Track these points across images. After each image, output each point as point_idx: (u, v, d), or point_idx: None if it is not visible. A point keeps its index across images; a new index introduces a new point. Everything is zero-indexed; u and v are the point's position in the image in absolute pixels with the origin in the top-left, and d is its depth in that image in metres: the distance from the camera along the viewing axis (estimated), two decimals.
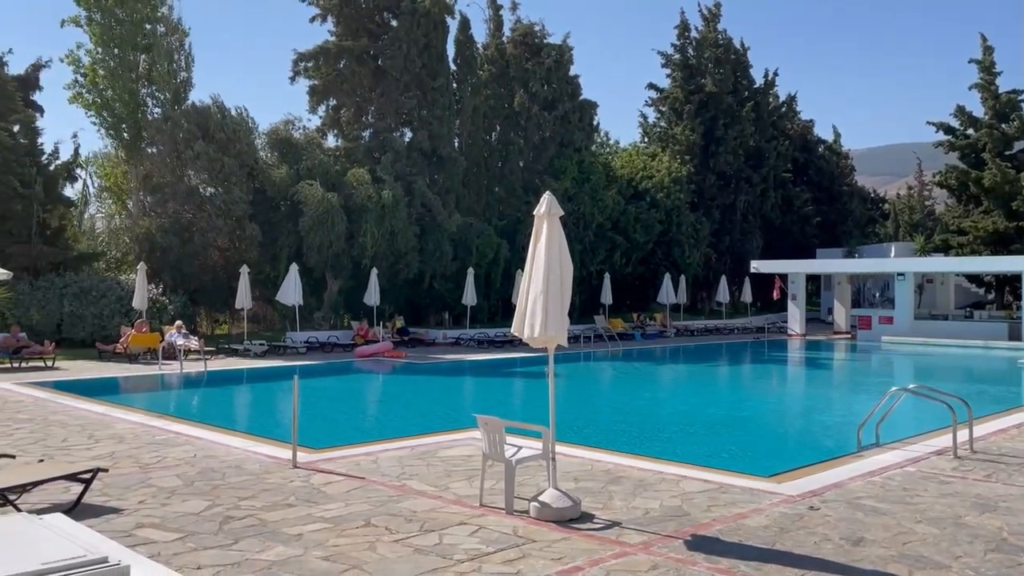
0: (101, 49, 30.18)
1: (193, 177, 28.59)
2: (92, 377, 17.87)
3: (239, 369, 20.76)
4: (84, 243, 31.25)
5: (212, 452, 9.41)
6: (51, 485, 7.21)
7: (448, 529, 6.36)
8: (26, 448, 9.38)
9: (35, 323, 23.78)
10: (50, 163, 28.77)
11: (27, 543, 4.35)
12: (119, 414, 12.28)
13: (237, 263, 26.34)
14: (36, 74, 38.14)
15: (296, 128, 31.61)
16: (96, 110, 30.49)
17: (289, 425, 9.03)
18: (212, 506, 6.98)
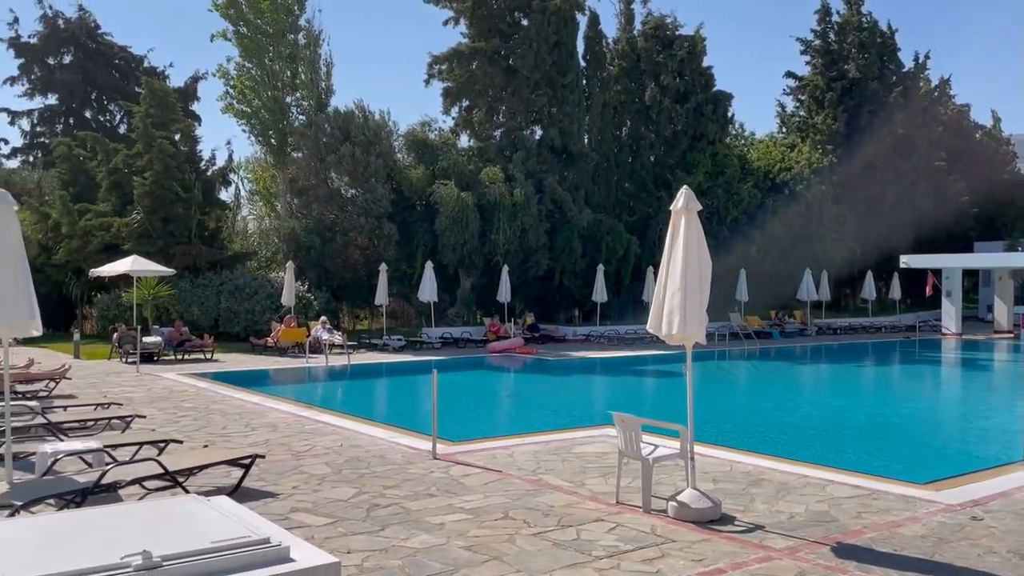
0: (247, 61, 32.07)
1: (335, 179, 29.92)
2: (246, 369, 19.05)
3: (379, 363, 21.57)
4: (237, 243, 33.34)
5: (357, 442, 9.82)
6: (214, 469, 7.74)
7: (585, 525, 6.37)
8: (191, 434, 10.11)
9: (195, 318, 25.61)
10: (207, 169, 30.84)
11: (198, 522, 4.69)
12: (272, 404, 13.03)
13: (376, 261, 27.35)
14: (194, 86, 41.12)
15: (432, 129, 32.49)
16: (246, 119, 32.45)
17: (428, 418, 9.32)
18: (359, 493, 7.29)
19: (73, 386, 14.73)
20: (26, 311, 7.11)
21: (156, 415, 11.68)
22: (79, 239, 28.20)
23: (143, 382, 16.05)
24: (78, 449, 7.44)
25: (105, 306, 26.69)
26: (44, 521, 5.23)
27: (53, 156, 34.80)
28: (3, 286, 6.91)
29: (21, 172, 40.15)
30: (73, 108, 44.62)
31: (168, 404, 12.96)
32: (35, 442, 8.51)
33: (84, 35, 43.90)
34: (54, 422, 9.37)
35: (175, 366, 19.36)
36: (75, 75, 43.51)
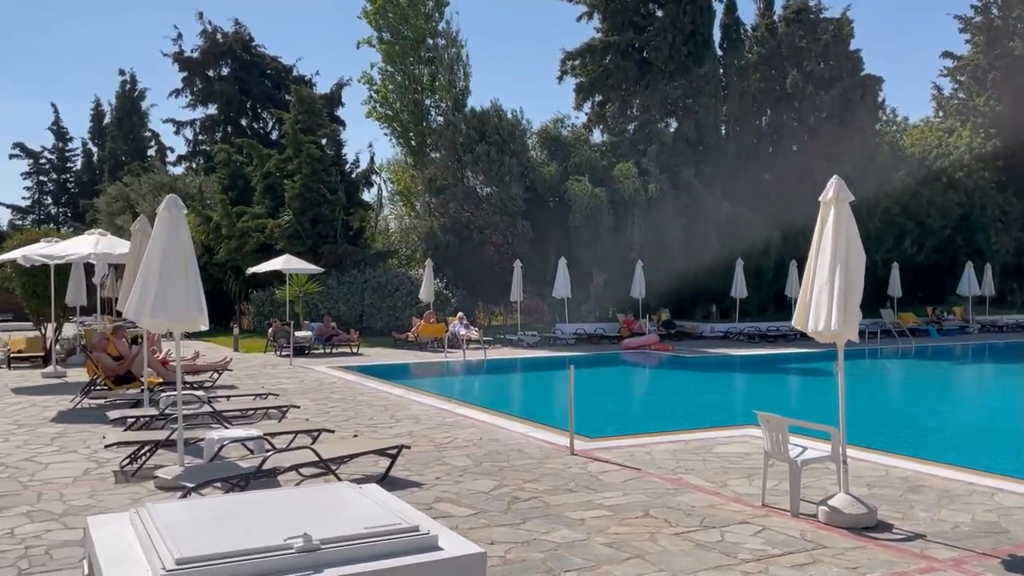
0: (390, 66, 33.25)
1: (471, 178, 30.53)
2: (389, 363, 19.77)
3: (514, 358, 21.84)
4: (379, 242, 34.66)
5: (495, 435, 9.99)
6: (364, 458, 8.08)
7: (730, 527, 6.20)
8: (341, 424, 10.60)
9: (342, 314, 26.83)
10: (351, 171, 32.21)
11: (352, 508, 4.92)
12: (414, 396, 13.46)
13: (510, 258, 27.70)
14: (339, 92, 42.97)
15: (564, 126, 32.55)
16: (388, 121, 33.66)
17: (564, 413, 9.35)
18: (500, 486, 7.42)
19: (234, 377, 15.77)
20: (195, 307, 7.66)
21: (308, 405, 12.33)
22: (237, 240, 30.15)
23: (296, 374, 16.98)
24: (241, 436, 7.97)
25: (261, 302, 28.43)
26: (213, 503, 5.63)
27: (214, 162, 37.43)
28: (174, 284, 7.48)
29: (185, 178, 43.38)
30: (230, 117, 47.73)
31: (319, 395, 13.65)
32: (202, 429, 9.17)
33: (240, 48, 46.88)
34: (219, 411, 10.07)
35: (324, 359, 20.36)
36: (232, 86, 46.53)
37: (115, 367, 12.90)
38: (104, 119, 65.84)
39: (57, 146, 71.39)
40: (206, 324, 7.88)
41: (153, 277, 7.55)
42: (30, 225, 65.07)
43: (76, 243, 15.48)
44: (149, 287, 7.55)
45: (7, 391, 14.45)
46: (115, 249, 14.67)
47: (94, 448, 9.17)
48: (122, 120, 59.31)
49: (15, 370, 18.18)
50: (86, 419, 11.14)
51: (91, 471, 8.10)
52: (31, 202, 71.81)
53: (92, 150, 69.22)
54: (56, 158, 71.49)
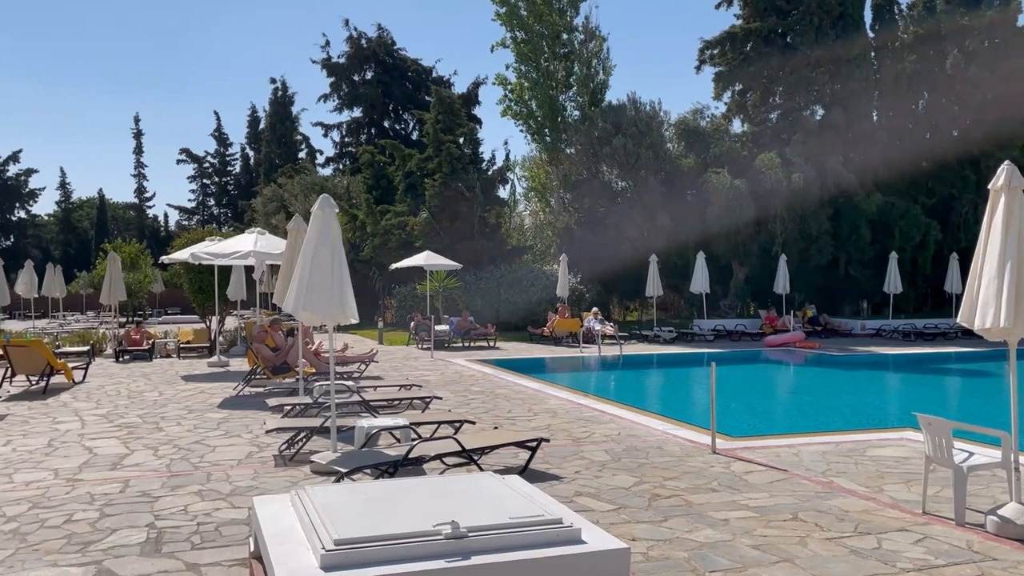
0: (524, 64, 33.56)
1: (607, 172, 30.38)
2: (525, 357, 20.01)
3: (650, 354, 21.57)
4: (515, 238, 35.12)
5: (634, 432, 9.91)
6: (504, 449, 8.22)
7: (887, 534, 5.88)
8: (480, 416, 10.83)
9: (479, 308, 27.38)
10: (488, 169, 32.79)
11: (496, 498, 5.02)
12: (551, 391, 13.56)
13: (646, 252, 27.37)
14: (475, 91, 43.82)
15: (703, 116, 31.79)
16: (523, 119, 34.01)
17: (705, 411, 9.15)
18: (639, 483, 7.36)
19: (379, 369, 16.44)
20: (344, 302, 8.02)
21: (449, 397, 12.67)
22: (380, 237, 31.39)
23: (436, 366, 17.49)
24: (389, 425, 8.29)
25: (403, 297, 29.48)
26: (366, 488, 5.89)
27: (359, 163, 39.08)
28: (325, 279, 7.86)
29: (333, 179, 45.55)
30: (374, 119, 49.71)
31: (459, 387, 14.00)
32: (352, 417, 9.61)
33: (383, 52, 48.69)
34: (367, 400, 10.53)
35: (463, 352, 20.85)
36: (375, 89, 48.43)
37: (272, 357, 13.74)
38: (259, 125, 70.15)
39: (219, 151, 76.79)
40: (356, 317, 8.23)
41: (306, 273, 7.97)
42: (195, 225, 70.38)
43: (238, 242, 16.59)
44: (303, 282, 7.97)
45: (178, 379, 15.69)
46: (273, 247, 15.62)
47: (255, 433, 9.81)
48: (275, 125, 62.99)
49: (184, 359, 19.70)
50: (247, 406, 11.93)
51: (253, 455, 8.67)
52: (196, 204, 77.63)
53: (249, 154, 73.98)
54: (218, 162, 76.91)
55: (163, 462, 8.33)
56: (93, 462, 8.35)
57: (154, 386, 14.52)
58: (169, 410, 11.72)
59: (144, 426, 10.42)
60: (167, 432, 9.99)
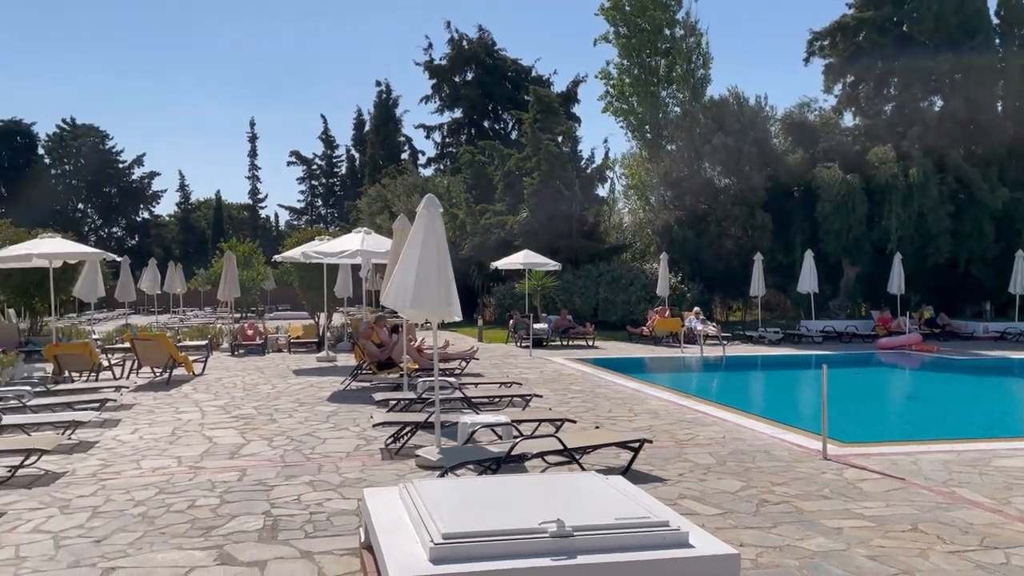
0: (626, 60, 33.26)
1: (709, 169, 29.76)
2: (624, 356, 19.83)
3: (755, 355, 21.00)
4: (614, 236, 34.82)
5: (739, 435, 9.67)
6: (605, 449, 8.17)
7: (1016, 549, 5.53)
8: (580, 415, 10.80)
9: (577, 307, 27.32)
10: (587, 167, 32.66)
11: (600, 498, 4.99)
12: (651, 391, 13.39)
13: (750, 251, 26.67)
14: (575, 89, 43.75)
15: (811, 110, 30.73)
16: (623, 116, 33.73)
17: (814, 415, 8.83)
18: (746, 487, 7.17)
19: (479, 366, 16.62)
20: (448, 299, 8.14)
21: (549, 395, 12.69)
22: (480, 236, 31.72)
23: (535, 364, 17.55)
24: (491, 422, 8.38)
25: (502, 295, 29.72)
26: (471, 483, 5.97)
27: (459, 163, 39.63)
28: (431, 278, 8.00)
29: (434, 179, 46.35)
30: (474, 120, 50.32)
31: (558, 386, 14.00)
32: (455, 413, 9.77)
33: (483, 53, 49.21)
34: (469, 397, 10.67)
35: (561, 351, 20.84)
36: (475, 90, 49.00)
37: (377, 353, 14.10)
38: (364, 127, 72.17)
39: (326, 153, 79.46)
40: (459, 315, 8.35)
41: (411, 271, 8.13)
42: (304, 225, 73.01)
43: (345, 241, 17.10)
44: (408, 280, 8.14)
45: (289, 372, 16.31)
46: (378, 246, 16.04)
47: (363, 426, 10.10)
48: (379, 127, 64.63)
49: (294, 354, 20.47)
50: (355, 400, 12.29)
51: (361, 447, 8.92)
52: (304, 204, 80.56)
53: (355, 156, 76.26)
54: (325, 164, 79.60)
55: (277, 452, 8.68)
56: (213, 451, 8.79)
57: (267, 379, 15.16)
58: (282, 402, 12.21)
59: (259, 418, 10.89)
60: (280, 424, 10.41)
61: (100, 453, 8.72)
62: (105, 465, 8.15)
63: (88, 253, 17.65)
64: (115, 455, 8.62)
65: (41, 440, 8.21)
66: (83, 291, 21.04)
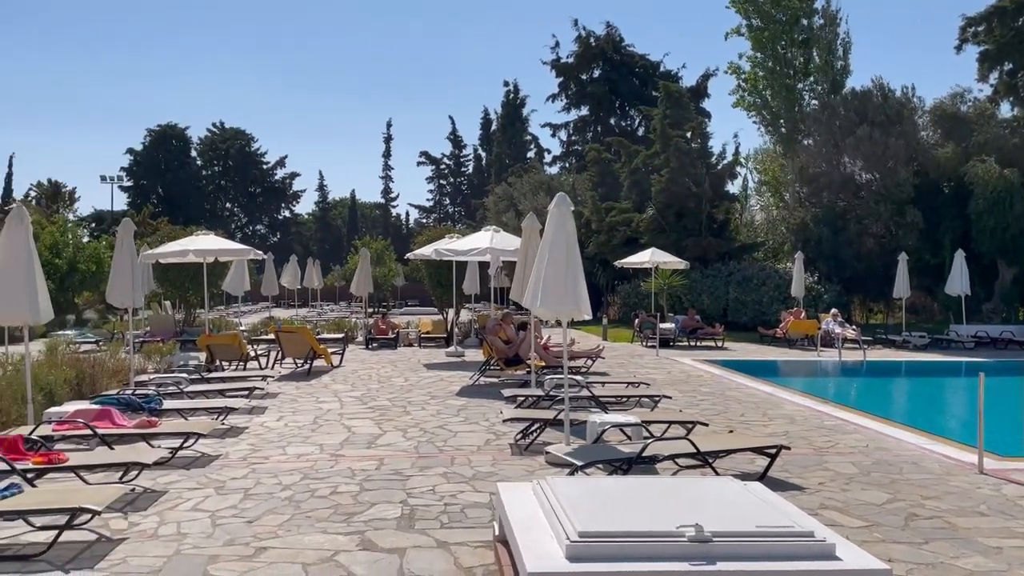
0: (759, 52, 32.17)
1: (849, 164, 28.39)
2: (756, 359, 19.21)
3: (898, 361, 19.88)
4: (744, 234, 33.79)
5: (883, 444, 9.18)
6: (739, 454, 7.95)
7: None
8: (711, 418, 10.55)
9: (705, 307, 26.69)
10: (717, 163, 31.82)
11: (737, 504, 4.86)
12: (785, 395, 12.91)
13: (893, 250, 25.25)
14: (704, 84, 42.78)
15: (964, 101, 28.74)
16: (756, 110, 32.65)
17: (967, 426, 8.27)
18: (893, 500, 6.80)
19: (605, 365, 16.54)
20: (577, 298, 8.12)
21: (678, 397, 12.47)
22: (605, 234, 31.55)
23: (662, 365, 17.29)
24: (621, 422, 8.32)
25: (627, 294, 29.45)
26: (604, 483, 5.96)
27: (585, 161, 39.57)
28: (561, 276, 8.02)
29: (560, 177, 46.49)
30: (600, 117, 50.10)
31: (687, 387, 13.74)
32: (583, 412, 9.76)
33: (610, 49, 48.89)
34: (596, 395, 10.64)
35: (689, 352, 20.43)
36: (602, 87, 48.76)
37: (505, 350, 14.29)
38: (491, 127, 73.26)
39: (454, 153, 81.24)
40: (589, 314, 8.33)
41: (541, 269, 8.19)
42: (432, 223, 74.90)
43: (475, 239, 17.42)
44: (538, 278, 8.20)
45: (420, 366, 16.79)
46: (507, 244, 16.25)
47: (492, 421, 10.26)
48: (506, 127, 65.44)
49: (424, 348, 21.05)
50: (483, 395, 12.51)
51: (491, 442, 9.07)
52: (433, 203, 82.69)
53: (481, 155, 77.55)
54: (453, 163, 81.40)
55: (411, 444, 8.96)
56: (352, 440, 9.17)
57: (400, 372, 15.66)
58: (414, 395, 12.58)
59: (393, 409, 11.28)
60: (413, 416, 10.73)
61: (249, 438, 9.27)
62: (254, 450, 8.66)
63: (239, 251, 18.79)
64: (263, 440, 9.14)
65: (198, 424, 8.82)
66: (231, 285, 22.43)
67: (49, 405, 10.01)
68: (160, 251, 18.20)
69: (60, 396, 10.78)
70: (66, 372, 11.54)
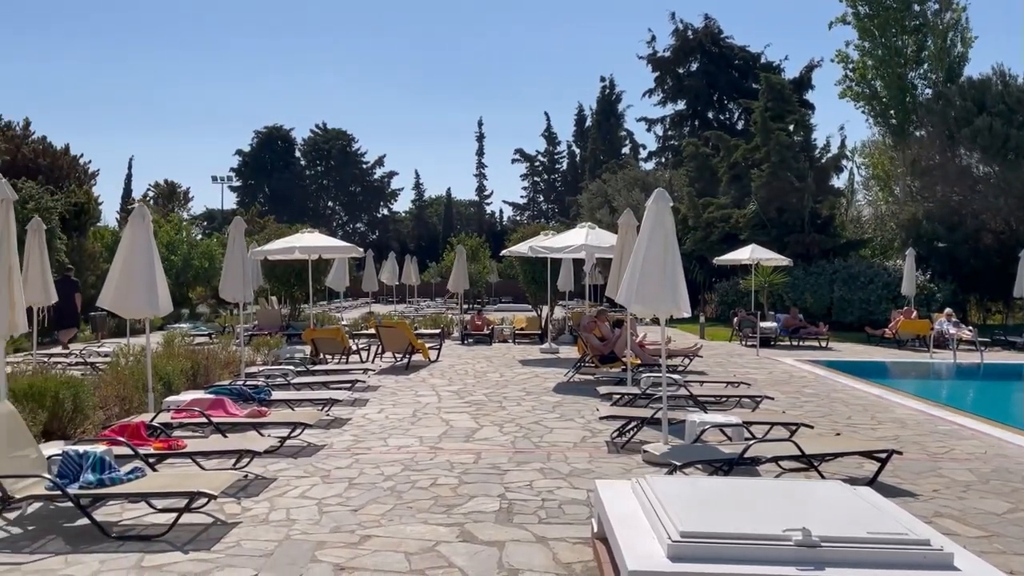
0: (867, 41, 30.86)
1: (966, 156, 26.92)
2: (863, 360, 18.46)
3: (1019, 364, 18.70)
4: (850, 230, 32.53)
5: (1003, 451, 8.68)
6: (846, 458, 7.67)
7: None
8: (815, 420, 10.20)
9: (808, 306, 25.85)
10: (821, 157, 30.75)
11: (846, 509, 4.69)
12: (895, 398, 12.36)
13: (1013, 247, 23.77)
14: (808, 75, 41.33)
15: None
16: (864, 100, 31.35)
17: None
18: (1015, 509, 6.42)
19: (703, 364, 16.23)
20: (675, 295, 7.99)
21: (780, 398, 12.12)
22: (703, 230, 30.96)
23: (763, 365, 16.83)
24: (721, 422, 8.15)
25: (725, 292, 28.82)
26: (704, 483, 5.86)
27: (682, 156, 38.90)
28: (659, 272, 7.91)
29: (655, 173, 45.86)
30: (698, 111, 49.10)
31: (789, 388, 13.33)
32: (680, 411, 9.61)
33: (709, 42, 47.86)
34: (694, 395, 10.46)
35: (791, 352, 19.82)
36: (700, 80, 47.78)
37: (600, 347, 14.23)
38: (586, 123, 72.97)
39: (548, 150, 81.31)
40: (688, 311, 8.19)
41: (638, 266, 8.11)
42: (526, 220, 75.22)
43: (570, 236, 17.39)
44: (635, 275, 8.12)
45: (515, 362, 16.90)
46: (602, 241, 16.15)
47: (587, 419, 10.23)
48: (601, 123, 65.03)
49: (518, 344, 21.17)
50: (578, 392, 12.49)
51: (587, 439, 9.05)
52: (527, 200, 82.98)
53: (575, 151, 77.33)
54: (547, 160, 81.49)
55: (508, 439, 9.03)
56: (450, 433, 9.32)
57: (495, 368, 15.81)
58: (509, 391, 12.68)
59: (489, 404, 11.40)
60: (509, 411, 10.82)
61: (352, 429, 9.55)
62: (357, 440, 8.92)
63: (342, 248, 19.37)
64: (365, 432, 9.40)
65: (304, 415, 9.15)
66: (334, 281, 23.14)
67: (167, 394, 10.58)
68: (268, 248, 18.94)
69: (177, 385, 11.38)
70: (182, 363, 12.16)
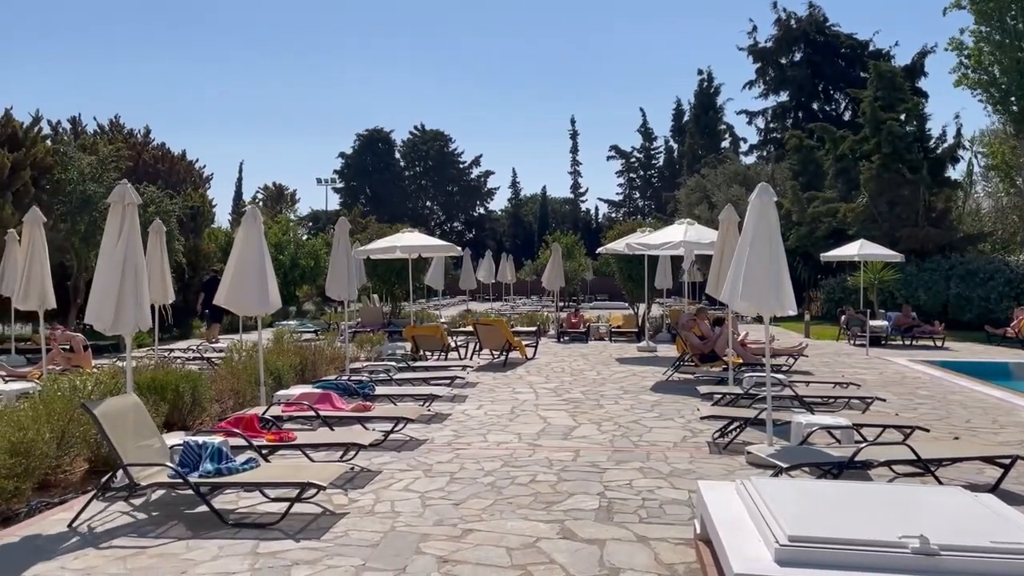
0: (984, 26, 29.17)
1: None
2: (983, 360, 17.49)
3: None
4: (968, 224, 30.82)
5: None
6: (966, 464, 7.29)
7: None
8: (931, 423, 9.71)
9: (922, 303, 24.64)
10: (936, 147, 29.23)
11: (966, 517, 4.46)
12: (1019, 401, 11.64)
13: None
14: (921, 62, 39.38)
15: None
16: (983, 87, 29.65)
17: None
18: None
19: (808, 363, 15.72)
20: (779, 293, 7.75)
21: (892, 399, 11.60)
22: (807, 226, 29.95)
23: (873, 365, 16.16)
24: (829, 424, 7.88)
25: (831, 289, 27.79)
26: (812, 486, 5.69)
27: (784, 149, 37.74)
28: (763, 269, 7.69)
29: (756, 167, 44.65)
30: (801, 102, 47.53)
31: (902, 389, 12.76)
32: (785, 412, 9.34)
33: (813, 31, 46.26)
34: (800, 395, 10.15)
35: (903, 351, 18.96)
36: (804, 71, 46.24)
37: (700, 346, 13.98)
38: (683, 117, 71.71)
39: (644, 146, 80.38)
40: (793, 309, 7.93)
41: (741, 262, 7.91)
42: (621, 217, 74.60)
43: (668, 232, 17.15)
44: (738, 271, 7.93)
45: (612, 360, 16.80)
46: (702, 238, 15.86)
47: (688, 418, 10.08)
48: (699, 116, 63.79)
49: (615, 343, 21.03)
50: (678, 391, 12.31)
51: (687, 439, 8.92)
52: (622, 197, 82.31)
53: (673, 147, 76.15)
54: (643, 156, 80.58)
55: (606, 437, 9.00)
56: (548, 430, 9.36)
57: (592, 366, 15.77)
58: (607, 389, 12.62)
59: (587, 402, 11.38)
60: (607, 409, 10.77)
61: (452, 425, 9.72)
62: (457, 436, 9.07)
63: (441, 247, 19.71)
64: (465, 427, 9.55)
65: (406, 410, 9.37)
66: (433, 279, 23.57)
67: (278, 388, 11.03)
68: (371, 247, 19.46)
69: (287, 380, 11.85)
70: (291, 358, 12.66)
